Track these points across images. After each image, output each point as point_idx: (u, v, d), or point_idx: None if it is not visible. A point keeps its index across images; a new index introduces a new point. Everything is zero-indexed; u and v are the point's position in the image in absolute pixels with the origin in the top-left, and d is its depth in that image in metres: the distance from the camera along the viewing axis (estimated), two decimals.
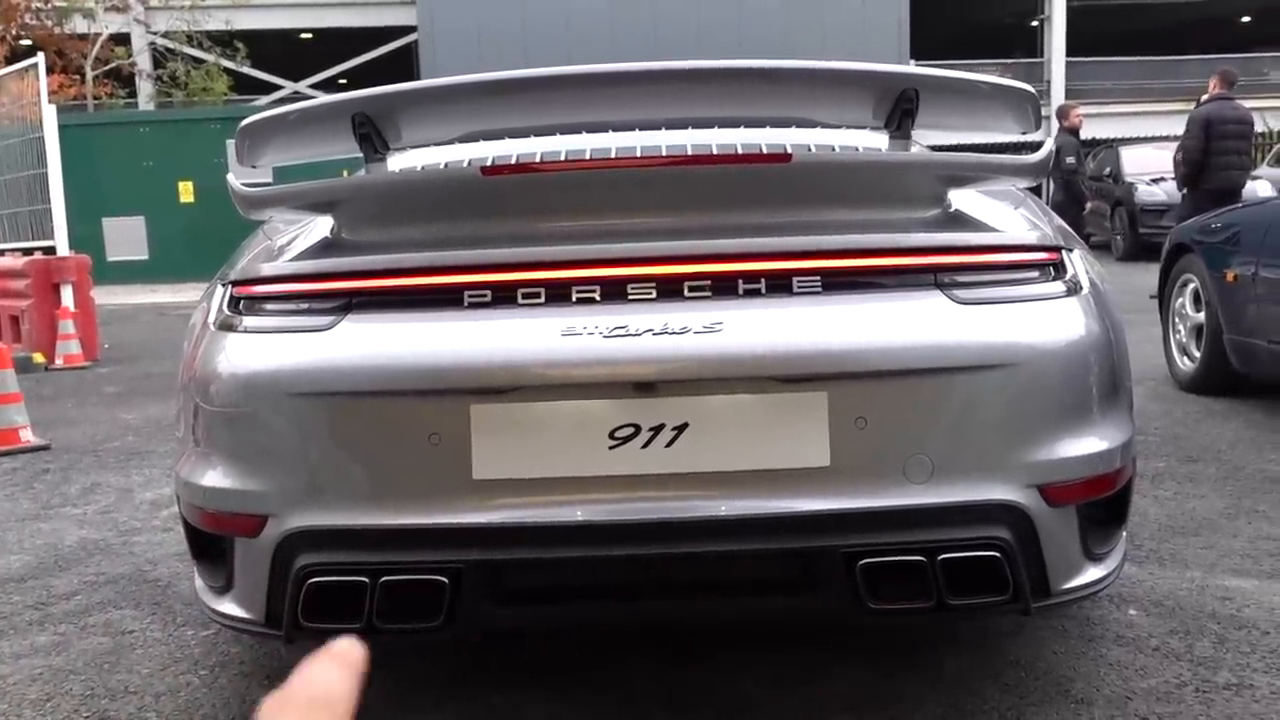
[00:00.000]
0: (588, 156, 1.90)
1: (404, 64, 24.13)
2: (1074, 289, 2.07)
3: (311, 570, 1.87)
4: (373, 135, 1.95)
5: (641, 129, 1.98)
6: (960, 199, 2.05)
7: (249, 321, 2.01)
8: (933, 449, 1.88)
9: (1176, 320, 5.75)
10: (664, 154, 1.90)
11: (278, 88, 26.36)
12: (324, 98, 1.95)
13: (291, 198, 2.04)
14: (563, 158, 1.90)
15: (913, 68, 2.07)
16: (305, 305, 1.96)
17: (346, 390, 1.86)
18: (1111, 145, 16.06)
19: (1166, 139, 16.83)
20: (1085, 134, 11.18)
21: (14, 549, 3.65)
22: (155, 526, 3.86)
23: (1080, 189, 10.73)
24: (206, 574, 2.15)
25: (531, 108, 1.96)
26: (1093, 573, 2.07)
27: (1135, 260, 14.35)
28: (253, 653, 2.61)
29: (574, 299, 1.88)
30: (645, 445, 1.83)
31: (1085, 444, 1.98)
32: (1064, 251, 2.11)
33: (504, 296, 1.89)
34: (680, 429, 1.83)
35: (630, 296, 1.88)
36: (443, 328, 1.88)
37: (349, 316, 1.92)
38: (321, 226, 2.08)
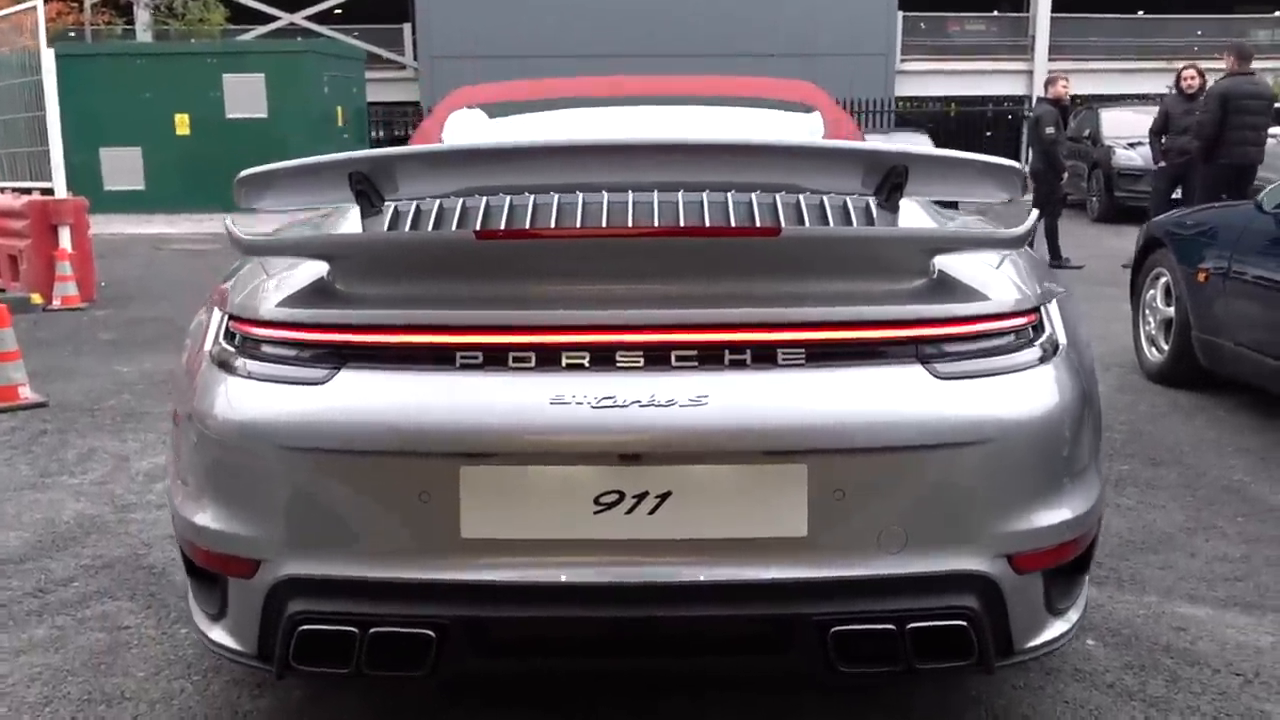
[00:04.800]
0: (579, 219, 1.93)
1: None
2: (1050, 351, 2.12)
3: (303, 618, 1.95)
4: (369, 191, 1.98)
5: (635, 190, 2.02)
6: (945, 260, 2.09)
7: (246, 365, 2.05)
8: (906, 520, 1.95)
9: (1147, 312, 5.84)
10: (656, 224, 1.93)
11: (274, 18, 26.01)
12: (321, 158, 1.98)
13: (289, 248, 2.08)
14: (554, 219, 1.93)
15: (906, 147, 2.10)
16: (302, 354, 2.01)
17: (341, 448, 1.92)
18: (1091, 107, 16.08)
19: (1149, 98, 16.83)
20: (1071, 89, 11.11)
21: (12, 523, 3.73)
22: (150, 502, 3.94)
23: (1059, 159, 10.70)
24: (201, 598, 2.22)
25: (525, 173, 1.99)
26: (1056, 628, 2.16)
27: (1110, 222, 14.46)
28: None
29: (564, 364, 1.93)
30: (629, 511, 1.90)
31: (1056, 514, 2.05)
32: (1042, 309, 2.17)
33: (495, 358, 1.94)
34: (663, 497, 1.90)
35: (619, 364, 1.93)
36: (435, 388, 1.92)
37: (344, 370, 1.96)
38: (319, 267, 2.12)
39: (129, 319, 8.15)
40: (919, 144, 17.11)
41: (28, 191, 9.50)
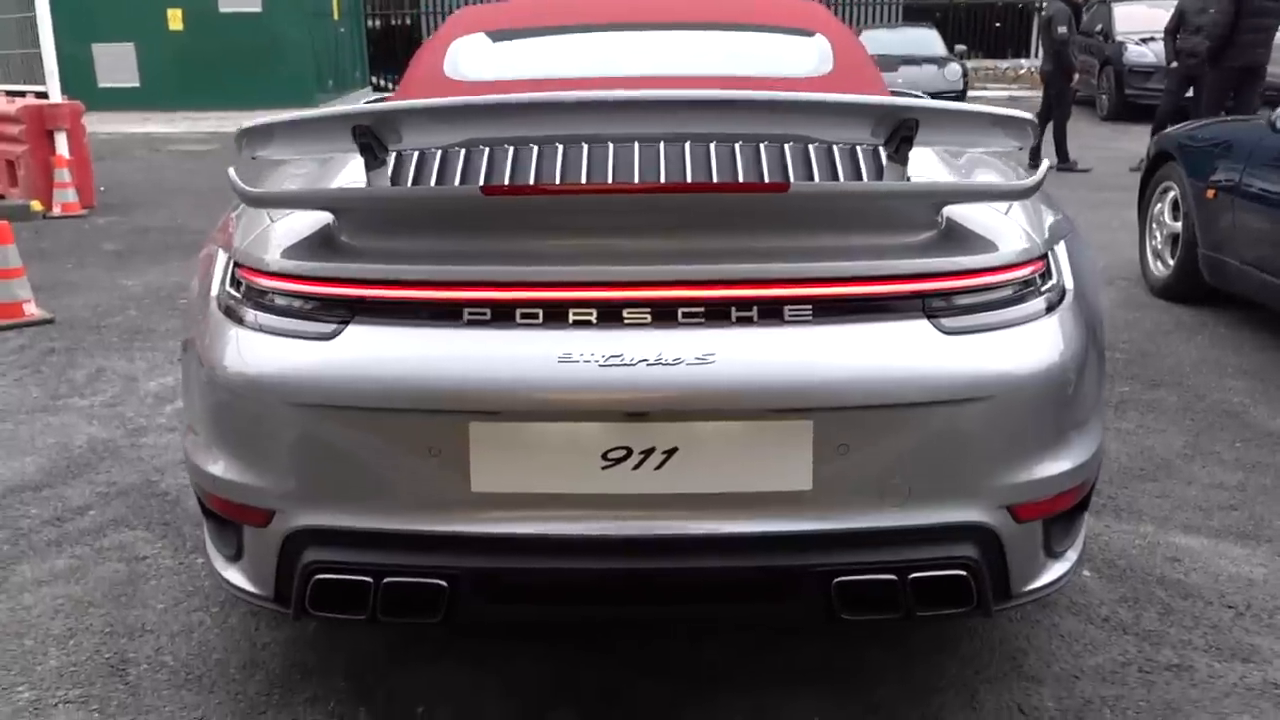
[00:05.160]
0: (585, 172, 1.92)
1: None
2: (1057, 299, 2.13)
3: (318, 567, 2.00)
4: (373, 143, 1.96)
5: (641, 142, 1.99)
6: (953, 208, 2.08)
7: (254, 317, 2.05)
8: (909, 474, 1.98)
9: (1154, 226, 5.81)
10: (663, 177, 1.92)
11: None
12: (325, 111, 1.95)
13: (294, 201, 2.07)
14: (559, 172, 1.91)
15: (915, 98, 2.07)
16: (309, 307, 2.01)
17: (350, 405, 1.94)
18: (1105, 1, 15.69)
19: None
20: None
21: (27, 448, 3.79)
22: (160, 425, 3.99)
23: (1070, 60, 10.49)
24: (216, 539, 2.27)
25: (529, 126, 1.97)
26: (1055, 570, 2.20)
27: (1120, 120, 14.28)
28: None
29: (571, 320, 1.94)
30: (636, 467, 1.93)
31: (1058, 465, 2.08)
32: (1049, 255, 2.16)
33: (503, 315, 1.94)
34: (670, 453, 1.93)
35: (626, 321, 1.93)
36: (442, 344, 1.93)
37: (352, 325, 1.97)
38: (325, 215, 2.11)
39: (131, 228, 8.11)
40: (928, 41, 16.76)
41: (21, 94, 9.36)
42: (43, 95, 8.91)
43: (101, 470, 3.59)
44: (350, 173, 2.27)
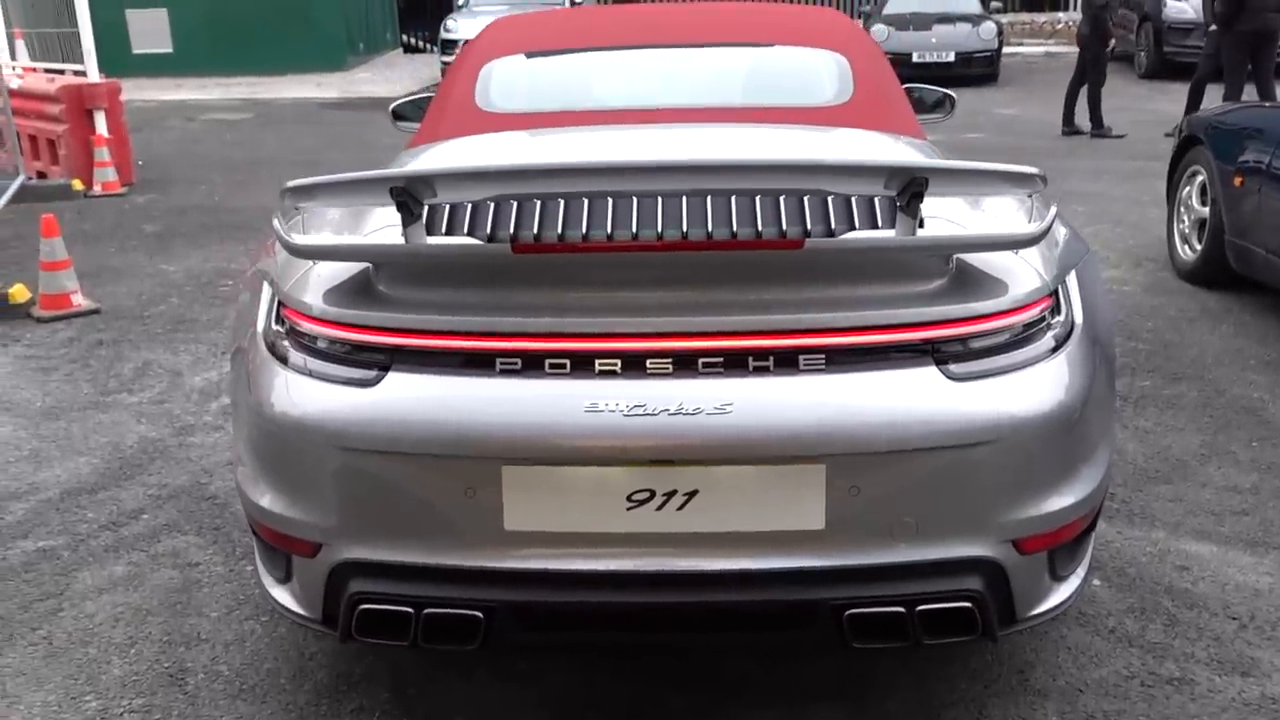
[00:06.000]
0: (609, 227, 2.01)
1: None
2: (1065, 335, 2.21)
3: (363, 597, 2.14)
4: (409, 202, 2.07)
5: (664, 197, 2.09)
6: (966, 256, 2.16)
7: (299, 359, 2.18)
8: (917, 512, 2.09)
9: (1182, 210, 5.83)
10: (685, 230, 2.01)
11: None
12: (364, 175, 2.06)
13: (336, 254, 2.19)
14: (585, 227, 2.01)
15: (927, 159, 2.14)
16: (352, 353, 2.14)
17: (392, 449, 2.07)
18: None
19: None
20: None
21: (81, 448, 3.97)
22: (207, 424, 4.16)
23: (1107, 25, 10.42)
24: (266, 561, 2.42)
25: (557, 185, 2.06)
26: (1060, 593, 2.31)
27: (1157, 79, 14.09)
28: None
29: (597, 370, 2.05)
30: (659, 508, 2.05)
31: (1063, 499, 2.18)
32: (1059, 289, 2.25)
33: (533, 364, 2.06)
34: (691, 494, 2.05)
35: (649, 370, 2.05)
36: (477, 393, 2.06)
37: (392, 372, 2.10)
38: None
39: (169, 207, 8.28)
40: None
41: (60, 72, 9.52)
42: (80, 73, 9.04)
43: (153, 471, 3.76)
44: (386, 218, 2.39)
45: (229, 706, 2.52)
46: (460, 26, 15.79)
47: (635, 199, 2.09)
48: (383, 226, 2.29)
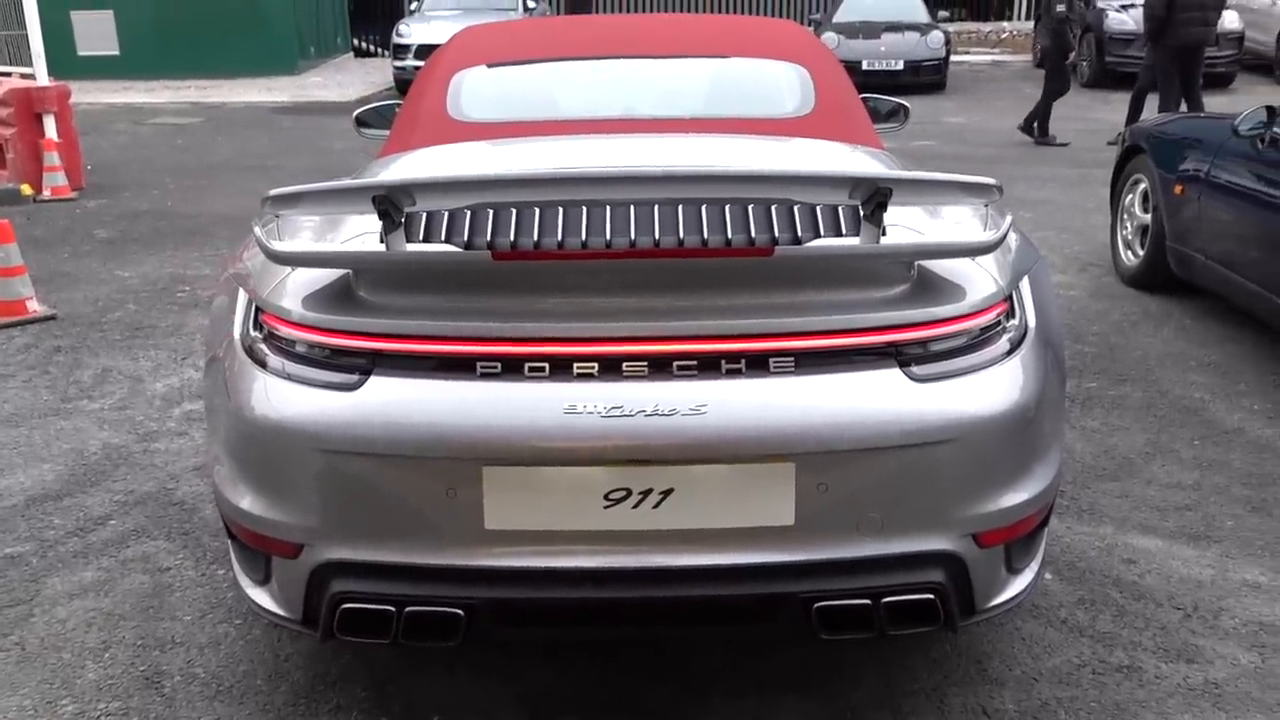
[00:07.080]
0: (584, 233, 2.08)
1: None
2: (1019, 339, 2.32)
3: (345, 596, 2.19)
4: (390, 210, 2.12)
5: (637, 205, 2.16)
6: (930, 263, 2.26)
7: (279, 363, 2.22)
8: (882, 508, 2.18)
9: (1125, 217, 6.02)
10: (657, 236, 2.09)
11: None
12: (347, 183, 2.11)
13: (318, 260, 2.23)
14: (560, 233, 2.08)
15: (890, 170, 2.23)
16: (333, 358, 2.18)
17: (373, 452, 2.12)
18: None
19: None
20: None
21: (44, 455, 3.96)
22: (170, 430, 4.16)
23: (1068, 38, 10.70)
24: (244, 563, 2.45)
25: (534, 194, 2.13)
26: (1016, 585, 2.42)
27: (1099, 88, 14.45)
28: None
29: (575, 373, 2.12)
30: (635, 506, 2.12)
31: (1019, 495, 2.28)
32: (1013, 295, 2.35)
33: (512, 367, 2.13)
34: (666, 493, 2.12)
35: (625, 372, 2.12)
36: (457, 396, 2.11)
37: (374, 376, 2.15)
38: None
39: (121, 212, 8.20)
40: (911, 7, 16.63)
41: (6, 75, 9.38)
42: (28, 76, 8.93)
43: (118, 478, 3.76)
44: (362, 224, 2.43)
45: (207, 708, 2.55)
46: (413, 31, 15.76)
47: (610, 207, 2.16)
48: (360, 233, 2.34)
